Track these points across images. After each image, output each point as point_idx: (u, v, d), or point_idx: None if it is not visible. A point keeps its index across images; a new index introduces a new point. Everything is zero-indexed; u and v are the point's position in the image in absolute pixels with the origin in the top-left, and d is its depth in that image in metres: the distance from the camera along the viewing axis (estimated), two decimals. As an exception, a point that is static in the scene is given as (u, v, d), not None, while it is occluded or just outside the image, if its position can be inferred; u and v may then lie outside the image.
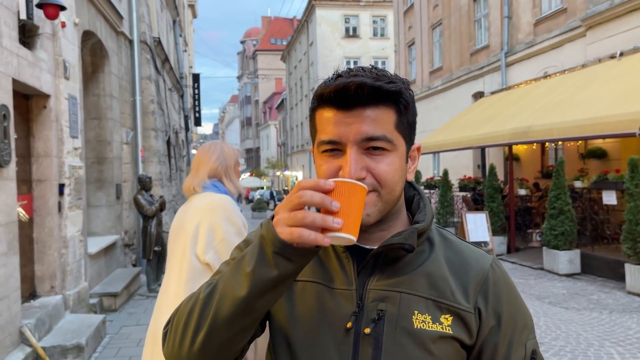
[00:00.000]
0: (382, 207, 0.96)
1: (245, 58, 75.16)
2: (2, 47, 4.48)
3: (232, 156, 2.40)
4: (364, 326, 0.94)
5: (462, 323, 0.96)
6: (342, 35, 38.06)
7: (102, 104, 8.33)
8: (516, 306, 1.02)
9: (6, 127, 4.40)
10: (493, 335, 0.98)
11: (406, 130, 0.98)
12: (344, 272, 0.99)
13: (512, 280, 1.07)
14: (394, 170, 0.95)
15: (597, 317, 6.32)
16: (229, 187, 2.33)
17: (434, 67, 19.96)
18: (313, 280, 1.00)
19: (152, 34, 11.55)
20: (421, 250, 1.00)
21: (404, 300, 0.95)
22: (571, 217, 8.87)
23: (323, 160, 0.96)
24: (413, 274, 0.98)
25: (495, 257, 1.07)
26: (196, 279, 2.13)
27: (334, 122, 0.93)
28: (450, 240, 1.05)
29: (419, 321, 0.94)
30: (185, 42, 23.34)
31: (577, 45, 11.75)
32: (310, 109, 1.01)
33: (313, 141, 1.01)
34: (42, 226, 5.60)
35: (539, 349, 1.04)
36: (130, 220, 9.46)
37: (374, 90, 0.91)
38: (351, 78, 0.91)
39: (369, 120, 0.92)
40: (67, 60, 5.98)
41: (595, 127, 8.06)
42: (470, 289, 0.98)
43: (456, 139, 13.01)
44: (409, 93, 0.96)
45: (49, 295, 5.62)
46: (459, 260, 1.01)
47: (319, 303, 0.98)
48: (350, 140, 0.92)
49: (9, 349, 4.45)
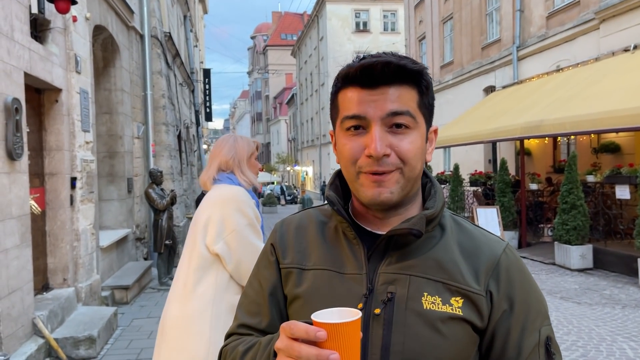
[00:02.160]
0: (405, 185, 0.97)
1: (256, 53, 75.21)
2: (14, 41, 4.51)
3: (245, 148, 2.38)
4: (374, 307, 0.96)
5: (473, 305, 0.96)
6: (353, 30, 37.95)
7: (114, 98, 8.38)
8: (530, 292, 1.02)
9: (18, 120, 4.44)
10: (505, 319, 0.98)
11: (427, 110, 1.00)
12: (354, 257, 1.01)
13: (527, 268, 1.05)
14: (416, 149, 0.97)
15: (609, 312, 6.27)
16: (242, 179, 2.31)
17: (445, 61, 19.83)
18: (324, 267, 1.03)
19: (162, 28, 11.59)
20: (432, 236, 1.01)
21: (413, 282, 0.96)
22: (583, 212, 8.79)
23: (347, 138, 0.98)
24: (423, 257, 0.98)
25: (509, 243, 1.06)
26: (205, 269, 2.14)
27: (358, 100, 0.95)
28: (464, 226, 1.05)
29: (428, 302, 0.95)
30: (196, 37, 23.39)
31: (590, 39, 11.61)
32: (333, 92, 1.02)
33: (334, 123, 1.02)
34: (54, 219, 5.65)
35: (554, 336, 1.02)
36: (142, 214, 9.52)
37: (399, 69, 0.94)
38: (376, 58, 0.94)
39: (393, 98, 0.94)
40: (78, 54, 6.01)
41: (608, 120, 7.97)
42: (481, 272, 0.98)
43: (467, 133, 12.93)
44: (429, 76, 1.00)
45: (62, 287, 5.68)
46: (471, 245, 1.02)
47: (330, 288, 1.00)
48: (375, 117, 0.94)
49: (22, 340, 4.50)
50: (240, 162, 2.35)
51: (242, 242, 2.11)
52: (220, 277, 2.13)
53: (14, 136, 4.35)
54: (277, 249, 1.10)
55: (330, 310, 0.85)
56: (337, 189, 1.08)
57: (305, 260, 1.06)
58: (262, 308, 1.08)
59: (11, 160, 4.37)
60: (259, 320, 1.08)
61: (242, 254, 2.12)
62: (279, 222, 1.16)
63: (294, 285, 1.05)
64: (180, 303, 2.12)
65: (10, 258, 4.30)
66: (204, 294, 2.10)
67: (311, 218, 1.12)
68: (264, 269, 1.12)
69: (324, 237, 1.07)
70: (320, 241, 1.07)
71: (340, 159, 1.02)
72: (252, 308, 1.10)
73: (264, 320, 1.07)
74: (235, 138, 2.43)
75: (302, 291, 1.03)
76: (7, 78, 4.35)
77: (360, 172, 0.97)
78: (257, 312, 1.09)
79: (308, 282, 1.03)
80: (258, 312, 1.09)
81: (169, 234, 8.16)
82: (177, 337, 2.09)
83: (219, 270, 2.14)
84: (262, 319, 1.08)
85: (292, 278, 1.06)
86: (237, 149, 2.37)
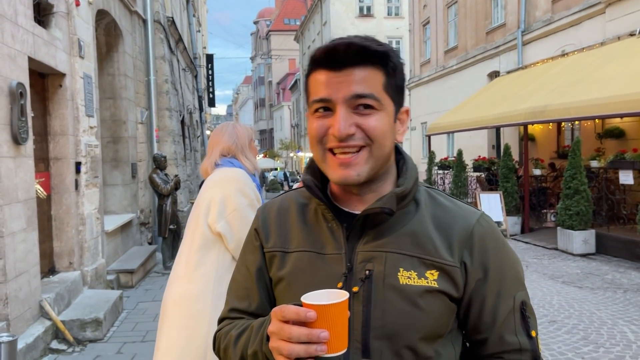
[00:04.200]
0: (373, 164, 0.99)
1: (259, 39, 74.76)
2: (18, 25, 4.52)
3: (245, 134, 2.44)
4: (353, 285, 0.99)
5: (448, 277, 1.00)
6: (356, 15, 37.64)
7: (117, 83, 8.38)
8: (505, 259, 1.05)
9: (23, 104, 4.46)
10: (480, 287, 1.02)
11: (394, 92, 1.01)
12: (334, 238, 1.04)
13: (502, 236, 1.09)
14: (383, 126, 0.98)
15: (611, 297, 6.30)
16: (246, 163, 2.37)
17: (449, 46, 19.69)
18: (305, 249, 1.06)
19: (165, 13, 11.54)
20: (407, 211, 1.04)
21: (389, 259, 1.00)
22: (587, 197, 8.78)
23: (315, 120, 1.01)
24: (398, 234, 1.02)
25: (484, 212, 1.09)
26: (207, 248, 2.17)
27: (325, 83, 0.98)
28: (438, 200, 1.08)
29: (404, 277, 0.98)
30: (198, 22, 23.26)
31: (596, 23, 11.50)
32: (305, 76, 1.05)
33: (308, 105, 1.05)
34: (59, 203, 5.70)
35: (529, 301, 1.07)
36: (146, 199, 9.57)
37: (362, 50, 0.96)
38: (341, 40, 0.97)
39: (357, 80, 0.96)
40: (81, 39, 6.01)
41: (613, 105, 7.93)
42: (455, 244, 1.01)
43: (471, 119, 12.88)
44: (398, 58, 1.01)
45: (68, 271, 5.74)
46: (445, 217, 1.04)
47: (311, 269, 1.04)
48: (340, 99, 0.96)
49: (30, 322, 4.57)
50: (243, 147, 2.41)
51: (243, 222, 2.14)
52: (222, 257, 2.16)
53: (18, 120, 4.37)
54: (261, 234, 1.14)
55: (319, 292, 0.89)
56: (314, 172, 1.10)
57: (287, 243, 1.09)
58: (250, 292, 1.13)
59: (17, 145, 4.40)
60: (248, 303, 1.12)
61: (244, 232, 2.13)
62: (261, 207, 1.20)
63: (277, 268, 1.09)
64: (182, 283, 2.16)
65: (17, 241, 4.35)
66: (206, 273, 2.13)
67: (292, 201, 1.15)
68: (249, 253, 1.16)
69: (305, 220, 1.10)
70: (301, 223, 1.10)
71: (309, 141, 1.05)
72: (241, 292, 1.14)
73: (253, 303, 1.12)
74: (234, 125, 2.50)
75: (285, 273, 1.07)
76: (11, 62, 4.36)
77: (327, 152, 1.00)
78: (246, 296, 1.13)
79: (290, 264, 1.07)
80: (247, 296, 1.13)
81: (173, 218, 8.21)
82: (178, 316, 2.12)
83: (220, 250, 2.16)
84: (251, 302, 1.12)
85: (276, 261, 1.09)
86: (238, 135, 2.42)
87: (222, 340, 1.10)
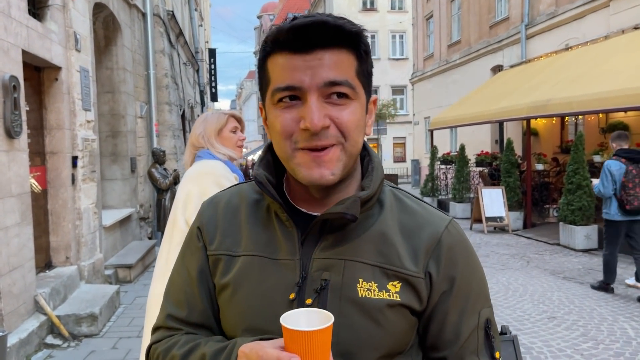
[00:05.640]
0: (347, 162, 0.89)
1: (262, 33, 74.64)
2: (11, 17, 4.47)
3: (214, 123, 2.40)
4: (307, 297, 0.89)
5: (411, 289, 0.90)
6: (359, 9, 37.44)
7: (116, 77, 8.33)
8: (473, 272, 0.96)
9: (16, 98, 4.42)
10: (444, 300, 0.92)
11: (366, 78, 0.91)
12: (288, 241, 0.93)
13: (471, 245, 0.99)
14: (357, 120, 0.88)
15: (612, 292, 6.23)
16: (216, 153, 2.34)
17: (453, 40, 19.57)
18: (254, 253, 0.94)
19: (165, 7, 11.48)
20: (369, 215, 0.94)
21: (348, 268, 0.90)
22: (589, 192, 8.70)
23: (279, 111, 0.87)
24: (359, 240, 0.91)
25: (453, 218, 0.99)
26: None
27: (291, 67, 0.85)
28: (405, 202, 0.98)
29: (363, 289, 0.89)
30: (201, 16, 23.19)
31: (600, 16, 11.38)
32: (260, 59, 0.91)
33: (263, 94, 0.93)
34: (56, 198, 5.67)
35: (494, 319, 0.97)
36: (145, 193, 9.54)
37: (336, 30, 0.84)
38: (310, 17, 0.84)
39: (330, 64, 0.84)
40: (77, 32, 5.96)
41: (616, 99, 7.84)
42: (420, 253, 0.92)
43: (474, 113, 12.79)
44: (367, 39, 0.90)
45: (64, 265, 5.72)
46: (412, 223, 0.94)
47: (262, 276, 0.93)
48: (311, 86, 0.84)
49: (24, 317, 4.55)
50: (209, 137, 2.38)
51: None
52: None
53: (12, 114, 4.33)
54: (204, 234, 1.00)
55: (297, 311, 0.81)
56: (268, 165, 0.98)
57: (235, 246, 0.97)
58: (190, 298, 0.99)
59: (10, 139, 4.36)
60: (188, 311, 0.99)
61: None
62: (207, 201, 1.06)
63: (222, 273, 0.96)
64: (162, 280, 2.12)
65: (10, 236, 4.32)
66: None
67: (243, 195, 1.02)
68: (190, 255, 1.02)
69: (256, 219, 0.98)
70: (251, 223, 0.97)
71: (272, 135, 0.91)
72: (181, 297, 1.00)
73: (194, 311, 0.98)
74: (206, 116, 2.47)
75: (230, 279, 0.94)
76: (4, 55, 4.32)
77: (297, 149, 0.87)
78: (185, 302, 0.99)
79: (236, 269, 0.94)
80: (187, 302, 0.99)
81: (172, 213, 8.18)
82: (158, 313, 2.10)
83: None
84: (192, 310, 0.98)
85: (221, 266, 0.97)
86: (205, 125, 2.40)
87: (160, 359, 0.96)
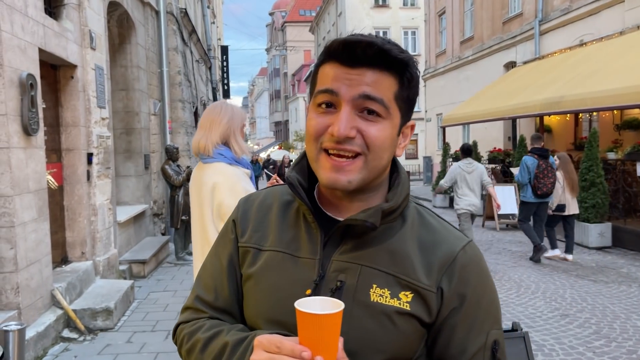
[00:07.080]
0: (366, 175, 0.94)
1: (274, 30, 74.65)
2: (28, 16, 4.54)
3: (240, 117, 2.42)
4: (322, 294, 0.94)
5: (422, 301, 0.95)
6: (372, 5, 37.33)
7: (130, 75, 8.42)
8: (485, 293, 0.99)
9: (33, 96, 4.49)
10: (453, 316, 0.96)
11: (404, 104, 0.96)
12: (311, 242, 1.00)
13: (487, 266, 1.03)
14: (385, 137, 0.93)
15: (625, 290, 6.20)
16: (236, 148, 2.35)
17: (465, 36, 19.44)
18: (280, 250, 1.02)
19: (178, 5, 11.55)
20: (391, 227, 0.99)
21: (363, 273, 0.95)
22: (603, 190, 8.64)
23: (315, 114, 0.95)
24: (377, 248, 0.97)
25: (472, 241, 1.03)
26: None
27: (335, 76, 0.92)
28: (426, 220, 1.03)
29: (376, 295, 0.94)
30: (213, 13, 23.27)
31: (615, 12, 11.25)
32: (314, 66, 0.99)
33: (310, 98, 1.00)
34: (71, 194, 5.76)
35: (503, 343, 0.99)
36: (159, 190, 9.64)
37: (382, 53, 0.90)
38: (362, 37, 0.92)
39: (369, 81, 0.91)
40: (93, 30, 6.04)
41: (631, 96, 7.77)
42: (435, 267, 0.96)
43: (486, 110, 12.73)
44: (416, 69, 0.96)
45: (80, 261, 5.81)
46: (431, 239, 0.99)
47: (281, 270, 1.00)
48: (346, 96, 0.91)
49: (41, 311, 4.63)
50: (234, 130, 2.39)
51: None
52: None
53: (29, 112, 4.41)
54: (238, 227, 1.09)
55: (312, 298, 0.86)
56: (302, 169, 1.06)
57: (263, 241, 1.05)
58: (218, 284, 1.07)
59: (27, 136, 4.44)
60: (215, 296, 1.07)
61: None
62: (244, 198, 1.15)
63: (249, 264, 1.04)
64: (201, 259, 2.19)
65: (28, 231, 4.41)
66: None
67: (276, 196, 1.11)
68: (223, 245, 1.11)
69: (285, 218, 1.05)
70: (280, 222, 1.05)
71: (306, 137, 1.00)
72: (210, 282, 1.08)
73: (220, 297, 1.06)
74: (232, 107, 2.46)
75: (255, 271, 1.02)
76: (21, 54, 4.39)
77: (321, 151, 0.94)
78: (213, 288, 1.07)
79: (261, 262, 1.02)
80: (215, 288, 1.07)
81: (185, 209, 8.24)
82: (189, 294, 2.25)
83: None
84: (218, 295, 1.06)
85: (249, 257, 1.05)
86: (233, 118, 2.41)
87: (185, 341, 1.04)
